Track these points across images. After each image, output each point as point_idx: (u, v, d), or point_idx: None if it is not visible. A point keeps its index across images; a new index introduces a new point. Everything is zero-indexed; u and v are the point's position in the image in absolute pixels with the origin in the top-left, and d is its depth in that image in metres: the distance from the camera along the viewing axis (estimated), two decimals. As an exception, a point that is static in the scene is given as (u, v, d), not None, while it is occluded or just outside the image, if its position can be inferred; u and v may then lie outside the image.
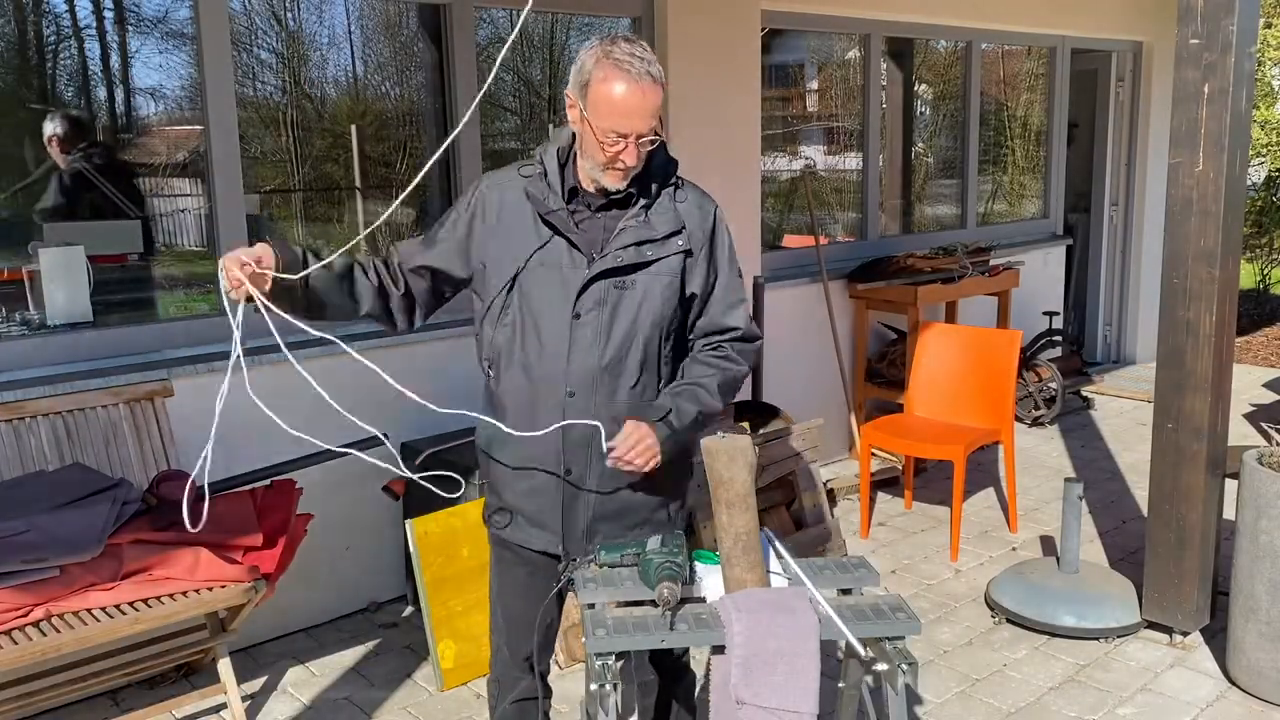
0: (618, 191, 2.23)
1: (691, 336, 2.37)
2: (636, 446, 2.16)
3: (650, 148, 2.19)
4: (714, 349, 2.35)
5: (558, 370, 2.23)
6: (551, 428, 2.21)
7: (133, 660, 3.26)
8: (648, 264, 2.23)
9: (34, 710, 3.24)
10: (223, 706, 3.33)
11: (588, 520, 2.32)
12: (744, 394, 5.11)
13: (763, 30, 5.16)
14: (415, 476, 2.27)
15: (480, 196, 2.32)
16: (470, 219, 2.31)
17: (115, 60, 3.82)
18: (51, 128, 3.66)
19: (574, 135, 2.25)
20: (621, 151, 2.14)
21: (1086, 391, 7.03)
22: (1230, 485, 3.62)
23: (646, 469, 2.18)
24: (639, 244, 2.23)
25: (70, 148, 3.70)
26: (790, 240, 5.96)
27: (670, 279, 2.26)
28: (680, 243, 2.26)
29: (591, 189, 2.26)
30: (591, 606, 2.08)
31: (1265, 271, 10.30)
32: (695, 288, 2.30)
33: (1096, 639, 3.70)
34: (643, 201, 2.26)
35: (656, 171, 2.28)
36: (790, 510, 4.41)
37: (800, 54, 6.15)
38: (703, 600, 2.10)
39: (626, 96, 2.10)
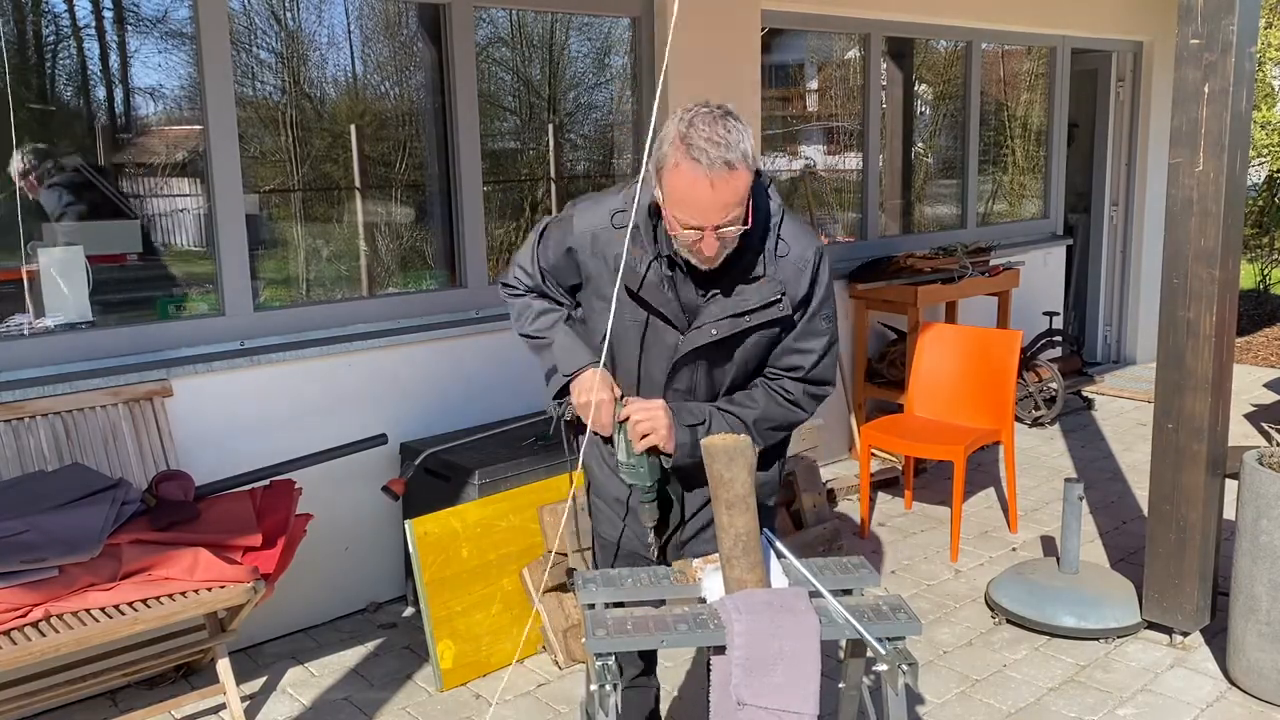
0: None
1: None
2: (652, 412, 2.14)
3: (734, 233, 2.01)
4: (773, 380, 2.27)
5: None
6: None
7: (132, 660, 3.26)
8: (745, 331, 2.14)
9: (34, 710, 3.24)
10: (222, 707, 3.33)
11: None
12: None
13: (763, 30, 5.16)
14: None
15: (575, 239, 2.21)
16: (565, 250, 2.23)
17: (115, 60, 3.82)
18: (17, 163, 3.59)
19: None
20: (698, 242, 1.99)
21: (1087, 392, 7.03)
22: (1230, 485, 3.62)
23: (644, 442, 2.16)
24: (735, 316, 2.12)
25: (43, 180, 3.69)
26: (790, 240, 5.95)
27: (773, 334, 2.20)
28: (780, 310, 2.13)
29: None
30: (592, 606, 2.08)
31: (1265, 271, 10.30)
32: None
33: (1097, 639, 3.70)
34: (741, 262, 2.11)
35: (759, 221, 2.10)
36: (790, 510, 4.41)
37: (800, 54, 6.15)
38: (703, 601, 2.10)
39: (696, 189, 1.92)
